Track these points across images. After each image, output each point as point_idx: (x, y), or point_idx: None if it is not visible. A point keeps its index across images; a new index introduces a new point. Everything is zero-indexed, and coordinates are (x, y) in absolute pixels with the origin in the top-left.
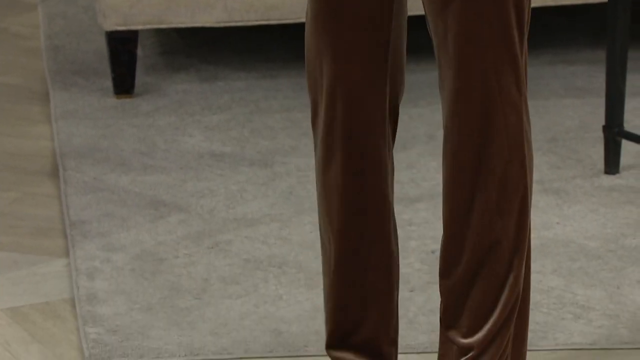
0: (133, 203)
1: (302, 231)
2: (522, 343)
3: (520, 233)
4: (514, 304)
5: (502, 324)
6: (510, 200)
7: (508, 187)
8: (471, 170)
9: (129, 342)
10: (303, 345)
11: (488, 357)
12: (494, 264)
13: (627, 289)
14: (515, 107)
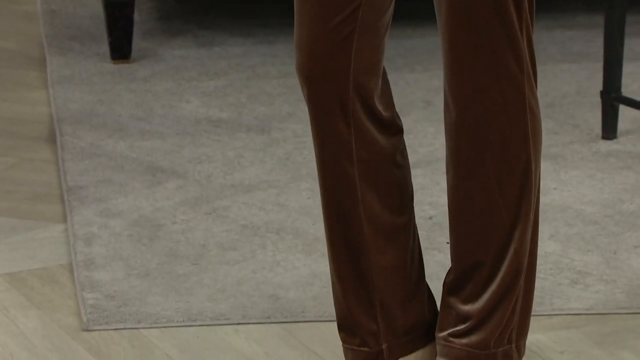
0: (130, 169)
1: (299, 197)
2: (527, 314)
3: (523, 206)
4: (514, 276)
5: (502, 296)
6: (510, 174)
7: (507, 161)
8: (470, 143)
9: (127, 307)
10: (300, 310)
11: (488, 329)
12: (493, 235)
13: (624, 254)
14: (514, 81)
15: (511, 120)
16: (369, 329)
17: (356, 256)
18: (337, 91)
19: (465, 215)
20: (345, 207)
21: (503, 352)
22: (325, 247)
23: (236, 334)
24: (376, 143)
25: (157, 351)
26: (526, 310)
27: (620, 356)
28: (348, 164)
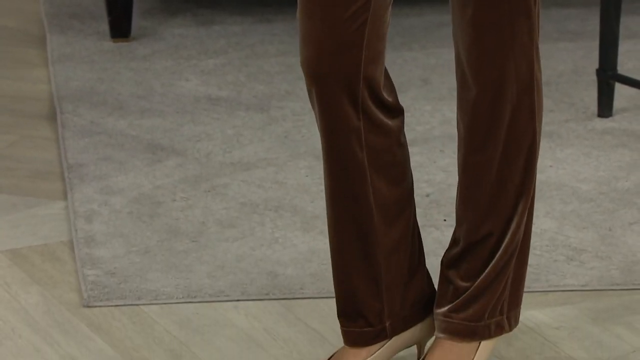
0: (130, 146)
1: (297, 175)
2: (519, 287)
3: (527, 179)
4: (513, 249)
5: (501, 269)
6: (518, 146)
7: (516, 133)
8: (486, 118)
9: (127, 284)
10: (299, 287)
11: (484, 301)
12: (500, 208)
13: (619, 231)
14: (526, 54)
15: (521, 94)
16: (373, 308)
17: (363, 238)
18: (347, 84)
19: (475, 188)
20: (355, 191)
21: (496, 323)
22: (324, 224)
23: (235, 310)
24: (383, 127)
25: (157, 327)
26: (518, 283)
27: (615, 331)
28: (358, 149)
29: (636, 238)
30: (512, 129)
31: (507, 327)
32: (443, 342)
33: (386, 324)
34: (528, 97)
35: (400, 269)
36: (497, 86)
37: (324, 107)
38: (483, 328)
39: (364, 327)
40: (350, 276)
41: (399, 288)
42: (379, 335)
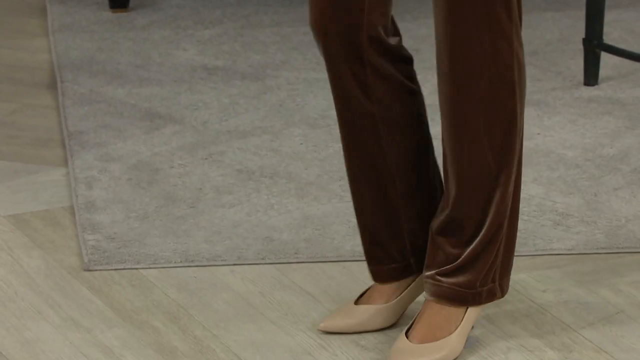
0: (129, 115)
1: (292, 143)
2: (510, 254)
3: (507, 152)
4: (502, 220)
5: (490, 239)
6: (497, 122)
7: (496, 110)
8: (462, 92)
9: (127, 249)
10: (293, 252)
11: (475, 271)
12: (481, 180)
13: (604, 196)
14: (504, 33)
15: (500, 69)
16: (397, 247)
17: (380, 186)
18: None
19: (457, 162)
20: (368, 143)
21: (487, 290)
22: (318, 191)
23: (232, 274)
24: (391, 78)
25: (156, 290)
26: (509, 251)
27: (600, 294)
28: (367, 102)
29: (620, 203)
30: (492, 104)
31: (499, 293)
32: (432, 305)
33: (411, 261)
34: (508, 72)
35: (421, 210)
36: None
37: (330, 62)
38: (474, 295)
39: (390, 264)
40: (371, 219)
41: (421, 226)
42: (405, 270)
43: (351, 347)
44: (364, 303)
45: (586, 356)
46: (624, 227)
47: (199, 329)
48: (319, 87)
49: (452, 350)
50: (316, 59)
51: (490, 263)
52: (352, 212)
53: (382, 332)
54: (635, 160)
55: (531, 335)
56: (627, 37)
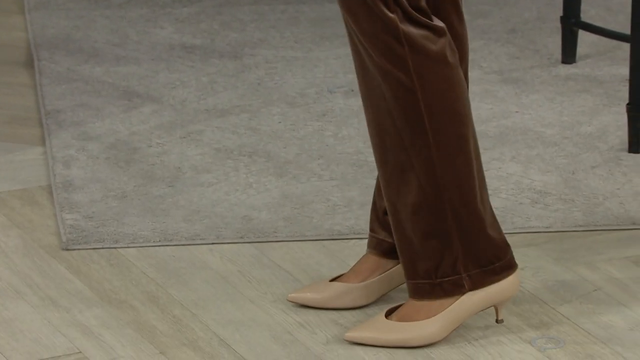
0: (107, 93)
1: (270, 121)
2: (474, 247)
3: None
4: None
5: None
6: (391, 97)
7: (387, 87)
8: (358, 69)
9: (105, 228)
10: (272, 231)
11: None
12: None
13: (582, 174)
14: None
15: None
16: None
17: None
18: None
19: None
20: None
21: (452, 282)
22: (297, 169)
23: (210, 253)
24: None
25: (134, 269)
26: (473, 241)
27: (577, 271)
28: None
29: (598, 181)
30: (384, 80)
31: (469, 285)
32: (408, 299)
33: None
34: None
35: None
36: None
37: None
38: (432, 286)
39: (384, 237)
40: (379, 182)
41: None
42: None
43: (330, 326)
44: (338, 281)
45: (564, 333)
46: (601, 204)
47: (177, 308)
48: (297, 65)
49: (422, 336)
50: (294, 37)
51: (442, 255)
52: (331, 191)
53: (361, 312)
54: (613, 138)
55: (509, 313)
56: (604, 15)
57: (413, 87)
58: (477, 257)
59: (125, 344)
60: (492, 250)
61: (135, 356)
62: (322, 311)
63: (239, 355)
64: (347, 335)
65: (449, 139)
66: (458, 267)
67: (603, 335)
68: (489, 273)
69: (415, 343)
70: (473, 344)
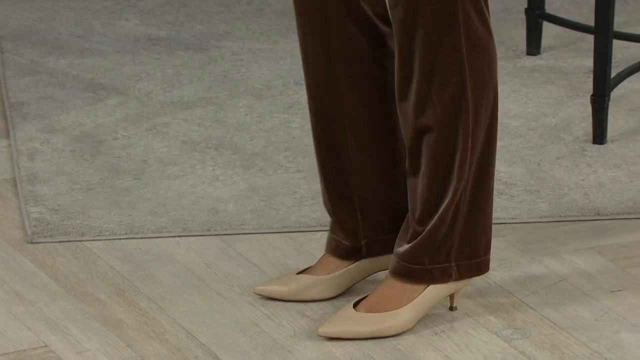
0: (71, 86)
1: (237, 114)
2: (471, 239)
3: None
4: (460, 196)
5: (442, 216)
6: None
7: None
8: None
9: (70, 221)
10: (239, 223)
11: (422, 247)
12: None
13: (547, 165)
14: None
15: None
16: (350, 226)
17: (336, 153)
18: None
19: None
20: (327, 103)
21: (440, 270)
22: (263, 162)
23: (177, 245)
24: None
25: (101, 262)
26: (471, 234)
27: (543, 262)
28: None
29: (563, 172)
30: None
31: (456, 275)
32: (389, 278)
33: (362, 242)
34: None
35: (377, 191)
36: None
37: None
38: (422, 272)
39: (342, 240)
40: (328, 188)
41: (377, 210)
42: (355, 252)
43: (297, 318)
44: (305, 273)
45: (529, 324)
46: (566, 195)
47: (144, 300)
48: (263, 57)
49: (395, 325)
50: (260, 29)
51: (441, 241)
52: (298, 183)
53: (329, 303)
54: (578, 129)
55: (475, 304)
56: (568, 7)
57: None
58: (469, 247)
59: (91, 337)
60: (483, 243)
61: (101, 349)
62: (289, 303)
63: (205, 348)
64: (320, 330)
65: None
66: (451, 255)
67: (568, 326)
68: (473, 267)
69: (390, 333)
70: (440, 335)
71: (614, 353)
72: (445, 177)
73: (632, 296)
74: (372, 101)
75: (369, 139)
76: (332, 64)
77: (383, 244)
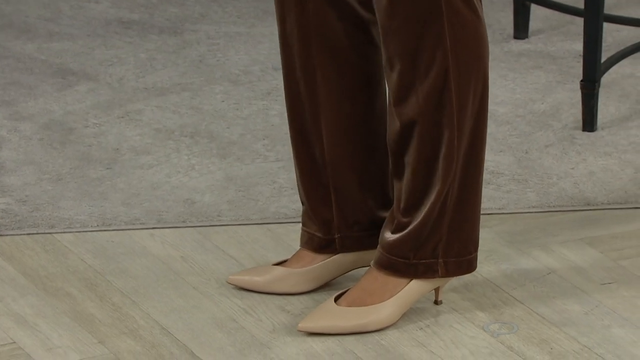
0: (40, 71)
1: (213, 100)
2: (460, 235)
3: (442, 118)
4: (448, 189)
5: (429, 211)
6: (425, 74)
7: (420, 60)
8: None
9: (39, 212)
10: (216, 214)
11: (408, 241)
12: (416, 144)
13: (535, 153)
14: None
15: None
16: (323, 217)
17: (311, 141)
18: None
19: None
20: (303, 88)
21: (425, 265)
22: (241, 151)
23: (151, 238)
24: (335, 28)
25: (71, 256)
26: (460, 228)
27: (531, 254)
28: (305, 46)
29: (552, 160)
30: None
31: (442, 271)
32: (372, 271)
33: (335, 236)
34: (433, 22)
35: (353, 184)
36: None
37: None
38: (407, 266)
39: (314, 232)
40: (303, 177)
41: (353, 204)
42: (328, 246)
43: (277, 312)
44: (281, 265)
45: (517, 318)
46: (555, 185)
47: (117, 295)
48: (240, 41)
49: (378, 320)
50: (237, 12)
51: (427, 235)
52: (277, 173)
53: (309, 297)
54: (567, 116)
55: (462, 298)
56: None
57: None
58: (458, 243)
59: (62, 334)
60: (473, 239)
61: (72, 346)
62: (269, 297)
63: (181, 344)
64: (300, 325)
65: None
66: (438, 250)
67: (557, 320)
68: (463, 265)
69: (372, 328)
70: (424, 330)
71: (605, 348)
72: (431, 168)
73: (624, 289)
74: (351, 91)
75: (346, 131)
76: (309, 49)
77: (358, 241)
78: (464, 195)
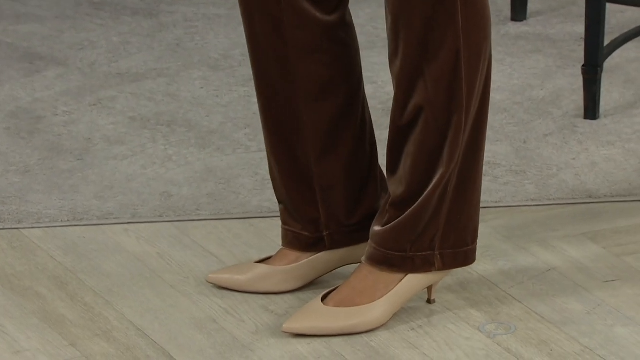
0: (5, 55)
1: (191, 87)
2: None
3: (452, 102)
4: (448, 178)
5: (426, 202)
6: (434, 56)
7: (430, 47)
8: (393, 23)
9: (6, 206)
10: (194, 208)
11: (404, 233)
12: (422, 133)
13: (534, 143)
14: None
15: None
16: (308, 216)
17: (292, 140)
18: None
19: None
20: (278, 86)
21: (422, 258)
22: (221, 140)
23: (126, 233)
24: (310, 19)
25: (40, 252)
26: (458, 218)
27: (530, 250)
28: (279, 41)
29: (552, 150)
30: (425, 42)
31: (439, 264)
32: (362, 268)
33: (324, 234)
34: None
35: (340, 179)
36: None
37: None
38: (403, 259)
39: (300, 231)
40: (283, 177)
41: (340, 200)
42: (316, 244)
43: (259, 313)
44: (264, 263)
45: (515, 318)
46: (555, 176)
47: (89, 295)
48: (220, 24)
49: (369, 320)
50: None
51: (425, 226)
52: (260, 164)
53: (294, 297)
54: (568, 103)
55: (456, 297)
56: None
57: None
58: (455, 234)
59: (30, 336)
60: (471, 230)
61: (41, 349)
62: (251, 297)
63: (158, 347)
64: (285, 326)
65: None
66: (435, 242)
67: (558, 320)
68: (459, 256)
69: (361, 329)
70: (417, 330)
71: (608, 349)
72: (434, 159)
73: (627, 287)
74: (332, 85)
75: (329, 127)
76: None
77: (348, 236)
78: (464, 184)
